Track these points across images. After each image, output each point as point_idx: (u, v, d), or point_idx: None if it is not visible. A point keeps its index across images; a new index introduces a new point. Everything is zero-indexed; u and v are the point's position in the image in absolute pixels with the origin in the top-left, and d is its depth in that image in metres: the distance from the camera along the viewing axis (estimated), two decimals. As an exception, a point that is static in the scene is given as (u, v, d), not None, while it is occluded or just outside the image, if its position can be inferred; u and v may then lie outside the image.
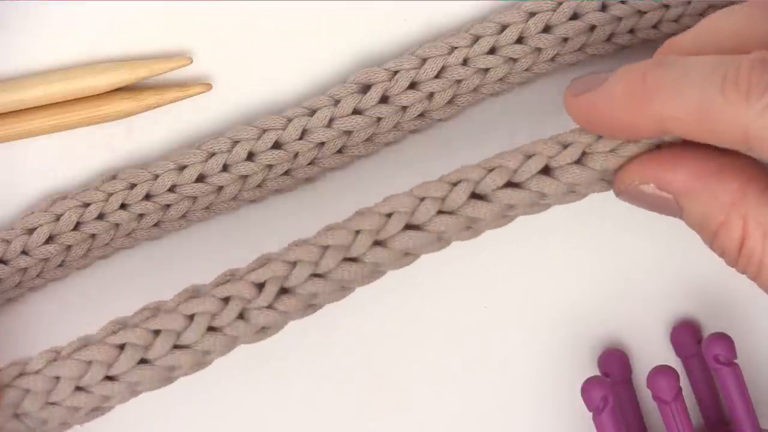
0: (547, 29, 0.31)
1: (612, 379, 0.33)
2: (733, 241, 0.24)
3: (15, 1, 0.32)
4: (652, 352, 0.34)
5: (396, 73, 0.31)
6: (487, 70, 0.31)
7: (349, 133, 0.32)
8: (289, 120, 0.31)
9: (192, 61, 0.32)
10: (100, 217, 0.32)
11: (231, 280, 0.26)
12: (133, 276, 0.33)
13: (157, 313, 0.26)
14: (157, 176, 0.31)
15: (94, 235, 0.32)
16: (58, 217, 0.31)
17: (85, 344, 0.26)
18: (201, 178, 0.32)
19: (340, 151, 0.32)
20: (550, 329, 0.34)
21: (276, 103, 0.33)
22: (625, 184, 0.26)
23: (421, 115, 0.32)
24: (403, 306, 0.34)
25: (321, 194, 0.33)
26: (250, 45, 0.33)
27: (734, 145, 0.23)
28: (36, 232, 0.31)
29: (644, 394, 0.33)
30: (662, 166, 0.25)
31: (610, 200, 0.27)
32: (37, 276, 0.32)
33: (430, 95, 0.32)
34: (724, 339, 0.32)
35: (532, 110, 0.33)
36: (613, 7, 0.31)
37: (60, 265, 0.32)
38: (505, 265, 0.34)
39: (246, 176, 0.32)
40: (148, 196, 0.32)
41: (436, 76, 0.31)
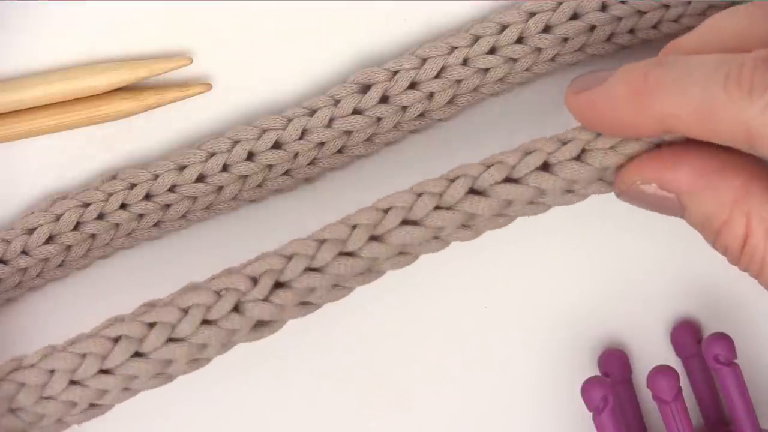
0: (547, 29, 0.31)
1: (612, 379, 0.33)
2: (737, 238, 0.24)
3: (15, 1, 0.32)
4: (652, 352, 0.34)
5: (396, 73, 0.31)
6: (487, 70, 0.31)
7: (349, 133, 0.32)
8: (289, 120, 0.31)
9: (192, 61, 0.32)
10: (100, 217, 0.32)
11: (226, 274, 0.26)
12: (133, 276, 0.33)
13: (153, 307, 0.26)
14: (157, 176, 0.31)
15: (94, 235, 0.32)
16: (58, 217, 0.31)
17: (80, 338, 0.26)
18: (201, 178, 0.32)
19: (340, 151, 0.32)
20: (550, 329, 0.34)
21: (276, 103, 0.33)
22: (626, 184, 0.26)
23: (421, 115, 0.32)
24: (404, 306, 0.34)
25: (321, 194, 0.33)
26: (250, 45, 0.33)
27: (737, 144, 0.23)
28: (36, 232, 0.31)
29: (644, 394, 0.33)
30: (663, 165, 0.25)
31: (610, 201, 0.27)
32: (37, 276, 0.32)
33: (430, 95, 0.32)
34: (724, 339, 0.32)
35: (532, 110, 0.33)
36: (613, 7, 0.31)
37: (60, 265, 0.32)
38: (505, 265, 0.34)
39: (246, 176, 0.32)
40: (148, 196, 0.32)
41: (436, 76, 0.31)
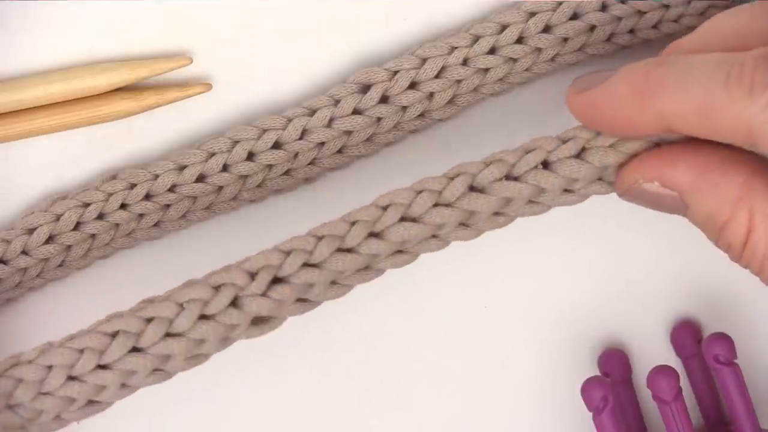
0: (547, 29, 0.31)
1: (612, 379, 0.33)
2: (740, 236, 0.24)
3: (15, 1, 0.32)
4: (652, 352, 0.34)
5: (396, 73, 0.31)
6: (487, 70, 0.31)
7: (349, 133, 0.32)
8: (289, 120, 0.31)
9: (192, 61, 0.32)
10: (100, 217, 0.32)
11: (224, 270, 0.26)
12: (133, 276, 0.33)
13: (151, 303, 0.26)
14: (157, 176, 0.31)
15: (94, 235, 0.32)
16: (58, 217, 0.31)
17: (78, 334, 0.26)
18: (201, 178, 0.32)
19: (340, 151, 0.32)
20: (550, 329, 0.34)
21: (276, 103, 0.33)
22: (627, 183, 0.26)
23: (421, 115, 0.32)
24: (404, 305, 0.34)
25: (321, 194, 0.33)
26: (250, 45, 0.33)
27: (737, 142, 0.23)
28: (36, 232, 0.31)
29: (644, 394, 0.33)
30: (664, 162, 0.25)
31: (610, 201, 0.27)
32: (37, 276, 0.32)
33: (430, 95, 0.32)
34: (724, 339, 0.32)
35: (532, 110, 0.33)
36: (613, 7, 0.31)
37: (60, 265, 0.32)
38: (505, 265, 0.34)
39: (246, 176, 0.32)
40: (148, 196, 0.32)
41: (436, 76, 0.31)
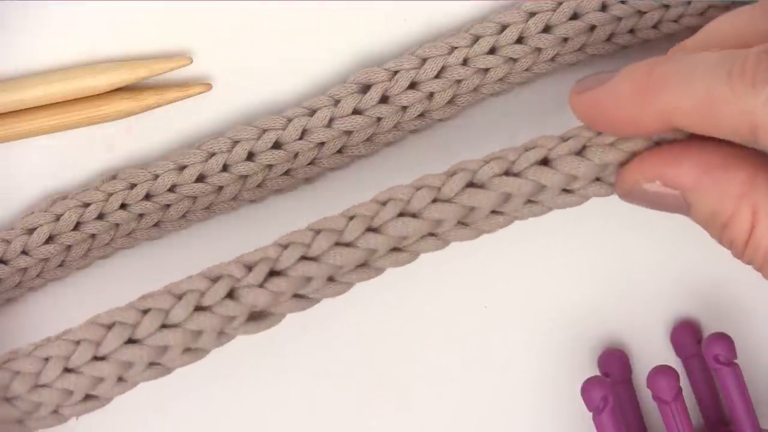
0: (547, 29, 0.31)
1: (612, 379, 0.33)
2: (743, 232, 0.24)
3: (15, 1, 0.32)
4: (652, 352, 0.34)
5: (396, 73, 0.31)
6: (487, 70, 0.31)
7: (349, 133, 0.32)
8: (289, 120, 0.31)
9: (192, 61, 0.32)
10: (100, 217, 0.32)
11: (222, 264, 0.26)
12: (133, 276, 0.33)
13: (148, 296, 0.26)
14: (157, 176, 0.31)
15: (94, 235, 0.32)
16: (58, 217, 0.31)
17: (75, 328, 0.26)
18: (201, 178, 0.32)
19: (340, 151, 0.32)
20: (550, 329, 0.34)
21: (276, 103, 0.33)
22: (628, 184, 0.26)
23: (421, 115, 0.32)
24: (403, 305, 0.34)
25: (321, 194, 0.33)
26: (250, 45, 0.33)
27: (740, 137, 0.23)
28: (36, 232, 0.31)
29: (644, 394, 0.33)
30: (665, 161, 0.25)
31: (610, 201, 0.27)
32: (37, 276, 0.32)
33: (430, 95, 0.32)
34: (724, 339, 0.32)
35: (532, 110, 0.33)
36: (613, 7, 0.31)
37: (60, 265, 0.32)
38: (506, 264, 0.34)
39: (246, 176, 0.32)
40: (148, 196, 0.32)
41: (436, 76, 0.31)
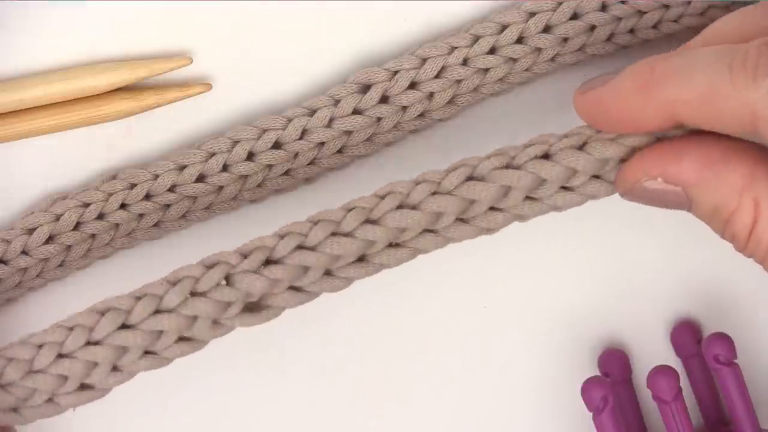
0: (547, 29, 0.31)
1: (612, 379, 0.33)
2: (745, 226, 0.24)
3: (15, 1, 0.32)
4: (652, 352, 0.34)
5: (396, 73, 0.31)
6: (487, 70, 0.31)
7: (349, 133, 0.32)
8: (289, 120, 0.31)
9: (192, 61, 0.32)
10: (100, 217, 0.32)
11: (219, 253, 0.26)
12: (133, 276, 0.33)
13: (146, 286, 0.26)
14: (157, 176, 0.31)
15: (94, 235, 0.32)
16: (58, 217, 0.31)
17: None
18: (201, 178, 0.32)
19: (340, 151, 0.32)
20: (550, 329, 0.34)
21: (276, 103, 0.33)
22: (629, 182, 0.26)
23: (421, 115, 0.32)
24: (403, 304, 0.34)
25: (321, 194, 0.33)
26: (250, 45, 0.33)
27: (741, 130, 0.23)
28: (36, 232, 0.31)
29: (644, 394, 0.33)
30: (666, 157, 0.25)
31: (610, 201, 0.27)
32: (37, 276, 0.32)
33: (430, 95, 0.32)
34: (724, 339, 0.32)
35: (532, 110, 0.33)
36: (613, 7, 0.31)
37: (60, 265, 0.32)
38: (506, 264, 0.34)
39: (246, 176, 0.32)
40: (148, 196, 0.32)
41: (436, 76, 0.31)
